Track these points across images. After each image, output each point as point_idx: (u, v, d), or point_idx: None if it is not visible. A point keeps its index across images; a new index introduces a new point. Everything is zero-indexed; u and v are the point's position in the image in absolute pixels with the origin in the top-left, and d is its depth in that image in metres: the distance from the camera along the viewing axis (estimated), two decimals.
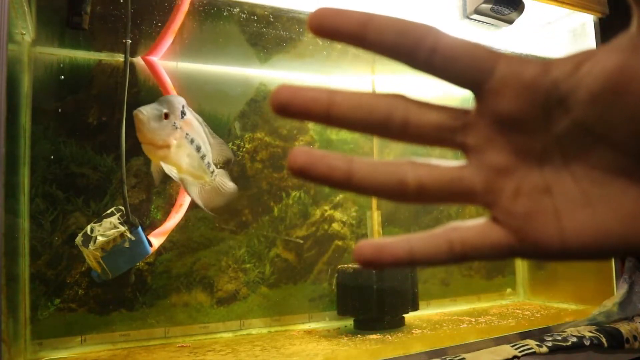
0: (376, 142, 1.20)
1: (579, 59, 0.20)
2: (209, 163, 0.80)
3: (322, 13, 0.20)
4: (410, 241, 0.20)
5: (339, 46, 1.14)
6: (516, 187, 0.20)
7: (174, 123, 0.73)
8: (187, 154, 0.76)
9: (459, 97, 1.29)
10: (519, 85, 0.20)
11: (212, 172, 0.81)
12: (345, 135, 1.16)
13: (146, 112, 0.70)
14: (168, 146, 0.72)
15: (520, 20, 1.09)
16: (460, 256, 0.20)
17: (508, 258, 0.21)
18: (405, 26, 0.20)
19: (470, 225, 0.21)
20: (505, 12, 1.05)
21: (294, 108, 0.20)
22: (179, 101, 0.76)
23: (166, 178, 0.77)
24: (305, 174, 0.20)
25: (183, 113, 0.75)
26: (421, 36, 0.20)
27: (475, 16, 1.06)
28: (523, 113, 0.20)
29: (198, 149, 0.77)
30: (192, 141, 0.76)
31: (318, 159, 0.20)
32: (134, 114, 0.69)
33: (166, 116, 0.71)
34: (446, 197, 0.20)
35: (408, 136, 0.21)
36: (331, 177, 0.20)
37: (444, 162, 0.21)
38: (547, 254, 0.20)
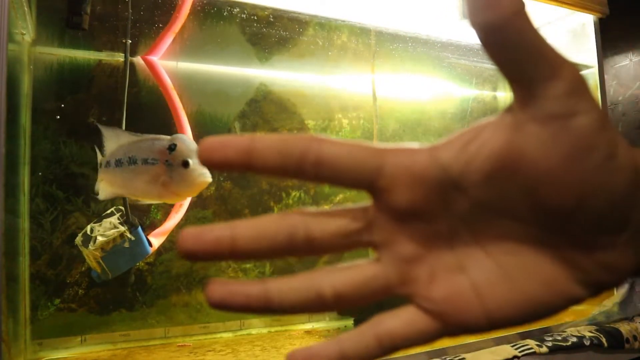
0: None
1: (464, 140, 0.19)
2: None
3: (209, 146, 0.19)
4: (340, 342, 0.20)
5: (339, 44, 1.14)
6: (430, 272, 0.20)
7: None
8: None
9: (457, 97, 1.29)
10: (409, 178, 0.20)
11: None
12: (345, 135, 1.16)
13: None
14: None
15: None
16: (390, 349, 0.20)
17: (439, 340, 0.21)
18: (286, 145, 0.19)
19: (396, 316, 0.21)
20: None
21: (201, 254, 0.20)
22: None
23: None
24: (225, 307, 0.20)
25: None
26: (303, 152, 0.19)
27: None
28: (420, 203, 0.20)
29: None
30: None
31: (234, 291, 0.20)
32: (204, 182, 0.66)
33: None
34: (365, 297, 0.21)
35: (316, 250, 0.20)
36: (250, 305, 0.20)
37: (358, 263, 0.21)
38: (475, 330, 0.20)
